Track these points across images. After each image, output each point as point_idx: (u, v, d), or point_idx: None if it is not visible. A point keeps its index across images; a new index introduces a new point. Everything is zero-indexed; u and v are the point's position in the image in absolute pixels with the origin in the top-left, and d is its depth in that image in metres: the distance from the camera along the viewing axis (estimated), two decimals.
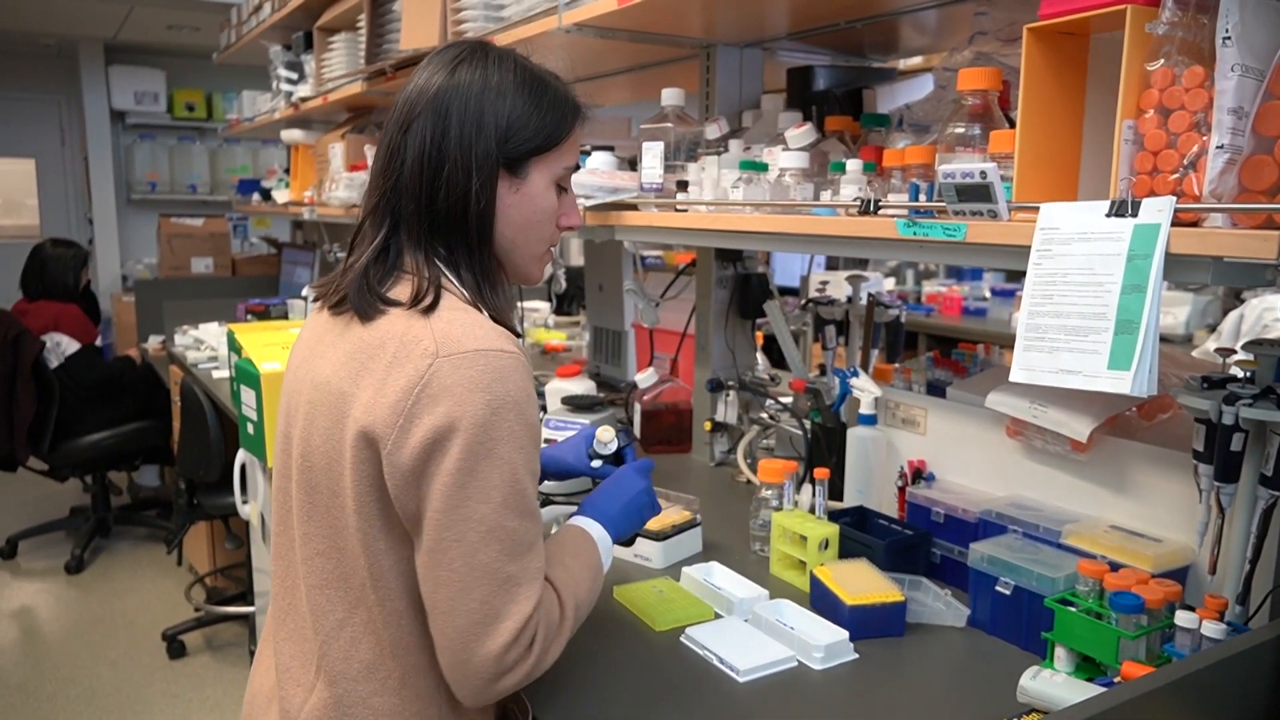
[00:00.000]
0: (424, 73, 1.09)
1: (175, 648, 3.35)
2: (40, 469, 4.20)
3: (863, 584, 1.33)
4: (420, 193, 1.05)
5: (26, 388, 3.86)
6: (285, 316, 3.76)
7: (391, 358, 0.98)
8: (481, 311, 1.06)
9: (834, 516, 1.53)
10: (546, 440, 1.93)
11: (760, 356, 2.38)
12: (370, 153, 3.05)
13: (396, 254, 1.07)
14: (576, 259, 4.79)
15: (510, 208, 1.09)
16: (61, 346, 4.11)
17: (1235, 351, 1.26)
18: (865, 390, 1.65)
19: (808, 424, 1.81)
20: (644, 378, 2.25)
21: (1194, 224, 0.96)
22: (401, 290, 1.04)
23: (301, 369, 1.11)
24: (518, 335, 1.08)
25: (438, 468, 0.95)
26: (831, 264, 4.51)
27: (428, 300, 1.01)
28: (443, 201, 1.05)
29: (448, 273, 1.07)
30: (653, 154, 1.76)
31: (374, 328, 1.02)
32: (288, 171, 4.51)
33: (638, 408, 2.26)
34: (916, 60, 2.21)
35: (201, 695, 3.11)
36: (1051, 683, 1.10)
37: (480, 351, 0.96)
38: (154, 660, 3.33)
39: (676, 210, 1.72)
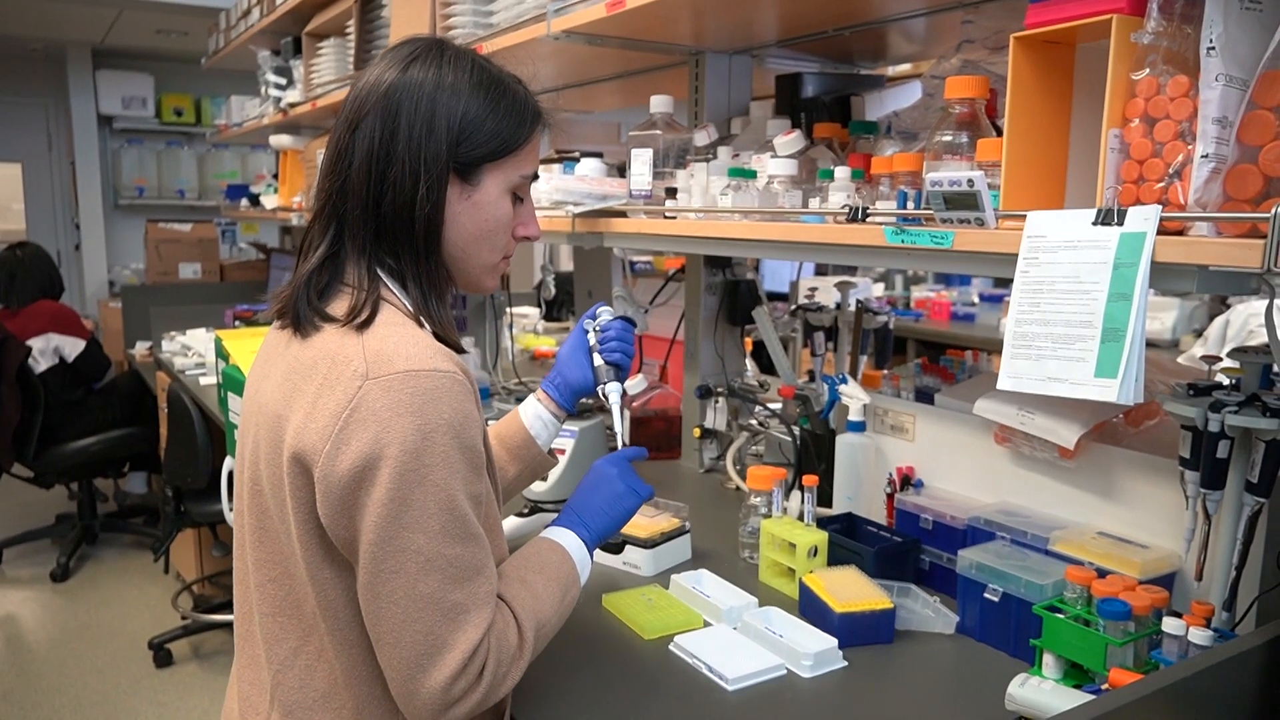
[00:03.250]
0: (376, 69, 1.03)
1: (162, 656, 3.33)
2: (25, 476, 4.17)
3: (852, 591, 1.33)
4: (366, 195, 0.99)
5: (11, 394, 3.84)
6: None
7: (322, 379, 0.94)
8: (424, 326, 1.01)
9: (823, 523, 1.53)
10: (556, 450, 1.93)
11: (749, 363, 2.38)
12: None
13: (339, 264, 1.02)
14: (566, 265, 4.78)
15: (460, 215, 1.03)
16: (64, 348, 4.09)
17: (1221, 359, 1.26)
18: (854, 397, 1.65)
19: (797, 430, 1.82)
20: (633, 384, 2.24)
21: (1179, 233, 0.97)
22: (339, 305, 0.99)
23: (251, 390, 1.07)
24: (461, 351, 1.03)
25: (368, 497, 0.90)
26: (820, 270, 4.52)
27: (363, 315, 0.96)
28: (389, 205, 0.99)
29: (391, 284, 1.02)
30: (642, 161, 1.76)
31: (309, 345, 0.98)
32: (276, 177, 4.50)
33: (627, 414, 2.26)
34: (905, 68, 2.22)
35: (188, 704, 3.09)
36: (1040, 690, 1.10)
37: (410, 373, 0.91)
38: (140, 669, 3.30)
39: (665, 217, 1.72)
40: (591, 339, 1.35)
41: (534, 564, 1.07)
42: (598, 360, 1.34)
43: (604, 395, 1.33)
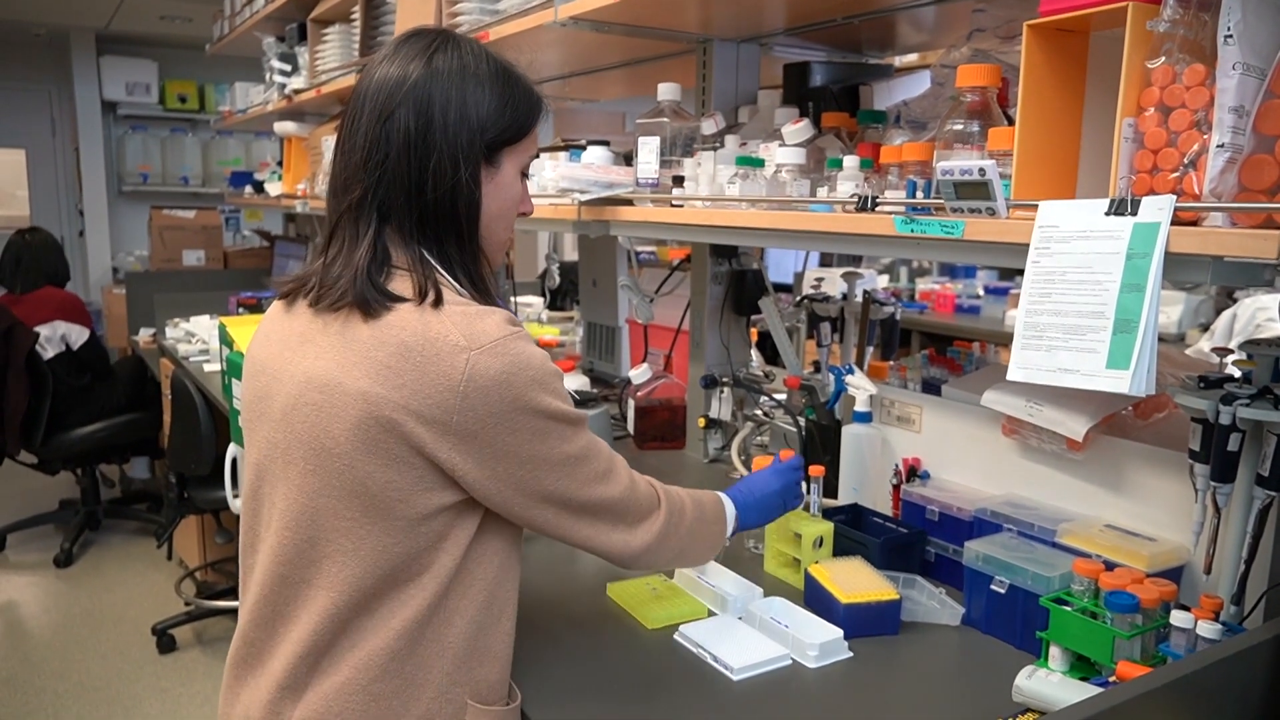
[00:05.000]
0: (395, 61, 1.07)
1: (165, 642, 3.34)
2: (29, 462, 4.18)
3: (857, 582, 1.33)
4: (409, 184, 1.05)
5: (19, 381, 3.83)
6: None
7: (421, 356, 0.99)
8: (477, 301, 1.08)
9: (829, 514, 1.52)
10: None
11: (754, 353, 2.38)
12: None
13: (385, 249, 1.06)
14: (571, 254, 4.77)
15: (487, 196, 1.10)
16: (71, 336, 4.09)
17: (1232, 351, 1.25)
18: (860, 388, 1.64)
19: (802, 421, 1.81)
20: (638, 374, 2.24)
21: (1193, 223, 0.96)
22: (399, 286, 1.04)
23: (282, 370, 1.08)
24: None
25: (514, 457, 1.02)
26: (825, 261, 4.51)
27: (433, 295, 1.03)
28: (432, 192, 1.05)
29: (439, 266, 1.08)
30: (649, 149, 1.75)
31: (386, 325, 1.01)
32: (280, 164, 4.49)
33: (631, 404, 2.25)
34: (913, 57, 2.21)
35: (191, 690, 3.10)
36: (1047, 682, 1.10)
37: (505, 338, 1.01)
38: (143, 655, 3.31)
39: (672, 206, 1.71)
40: None
41: (706, 498, 1.27)
42: None
43: None
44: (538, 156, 1.20)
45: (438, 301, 1.02)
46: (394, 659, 1.03)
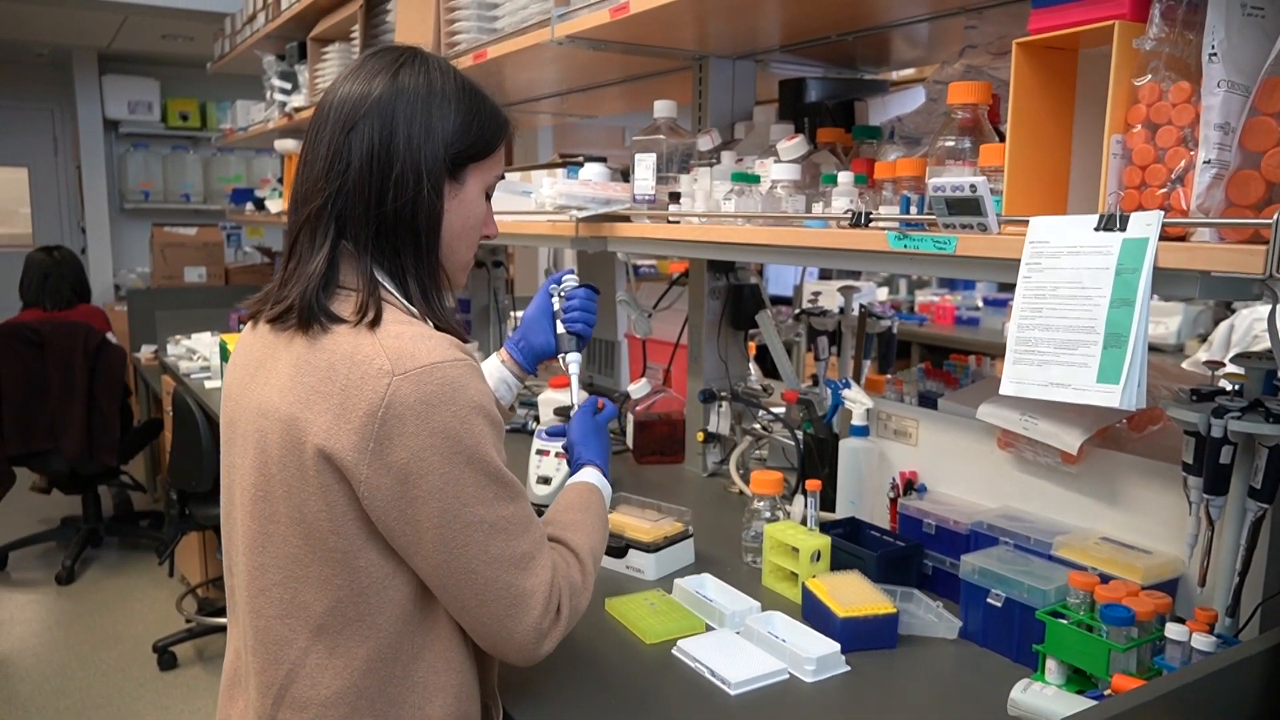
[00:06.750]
0: (360, 76, 1.07)
1: (166, 659, 3.33)
2: (42, 485, 4.21)
3: (855, 596, 1.33)
4: (369, 195, 1.03)
5: (109, 394, 3.86)
6: None
7: (345, 379, 0.96)
8: (427, 321, 1.05)
9: (826, 528, 1.53)
10: (540, 452, 1.93)
11: (753, 367, 2.38)
12: None
13: (335, 266, 1.04)
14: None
15: (449, 212, 1.09)
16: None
17: (1224, 364, 1.26)
18: (857, 401, 1.65)
19: (800, 435, 1.82)
20: (637, 388, 2.25)
21: (1181, 238, 0.97)
22: (343, 306, 1.02)
23: (244, 396, 1.08)
24: (464, 340, 1.07)
25: (420, 489, 0.95)
26: (824, 274, 4.52)
27: (370, 314, 1.00)
28: (392, 203, 1.03)
29: (389, 284, 1.05)
30: (645, 165, 1.76)
31: (320, 348, 0.99)
32: (281, 181, 4.52)
33: (630, 418, 2.26)
34: (908, 72, 2.22)
35: (192, 707, 3.10)
36: (1042, 695, 1.10)
37: (434, 365, 0.96)
38: (145, 672, 3.31)
39: (669, 222, 1.73)
40: (556, 304, 1.42)
41: (576, 505, 1.20)
42: (560, 328, 1.41)
43: (564, 363, 1.42)
44: (503, 178, 1.19)
45: (375, 322, 0.99)
46: (363, 697, 1.01)
